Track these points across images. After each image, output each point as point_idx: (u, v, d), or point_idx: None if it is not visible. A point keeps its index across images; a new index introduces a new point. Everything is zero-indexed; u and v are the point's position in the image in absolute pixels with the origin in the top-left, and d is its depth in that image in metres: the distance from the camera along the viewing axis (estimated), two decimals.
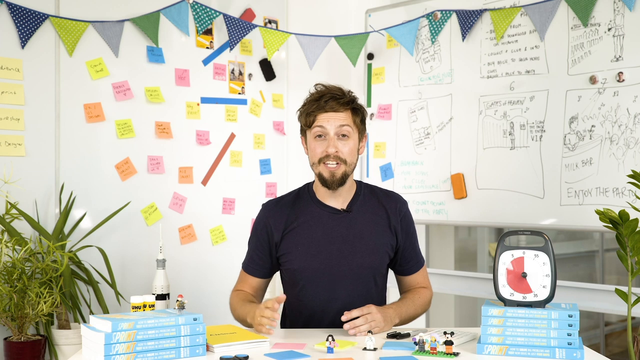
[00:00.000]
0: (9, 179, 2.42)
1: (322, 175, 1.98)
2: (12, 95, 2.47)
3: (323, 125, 1.96)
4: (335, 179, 1.97)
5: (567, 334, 1.59)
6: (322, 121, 1.96)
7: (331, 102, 1.96)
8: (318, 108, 1.97)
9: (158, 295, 2.04)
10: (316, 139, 1.99)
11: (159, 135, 2.84)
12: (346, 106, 1.98)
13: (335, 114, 1.96)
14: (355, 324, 1.84)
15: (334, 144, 1.96)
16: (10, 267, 2.24)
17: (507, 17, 2.82)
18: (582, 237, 4.53)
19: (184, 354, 1.61)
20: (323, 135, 1.97)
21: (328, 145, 1.96)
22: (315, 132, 1.98)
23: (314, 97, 2.00)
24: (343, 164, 1.97)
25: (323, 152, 1.96)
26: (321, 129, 1.97)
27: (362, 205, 2.06)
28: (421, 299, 2.09)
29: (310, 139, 2.01)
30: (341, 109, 1.97)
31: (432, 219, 3.10)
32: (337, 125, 1.96)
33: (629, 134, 2.49)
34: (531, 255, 1.65)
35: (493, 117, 2.88)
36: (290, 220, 2.04)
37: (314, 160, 2.00)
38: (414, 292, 2.11)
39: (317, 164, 1.99)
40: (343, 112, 1.97)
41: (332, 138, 1.96)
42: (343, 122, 1.96)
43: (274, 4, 3.28)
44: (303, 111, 2.02)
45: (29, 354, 2.25)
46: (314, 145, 1.99)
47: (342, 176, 1.97)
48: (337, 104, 1.96)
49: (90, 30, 2.66)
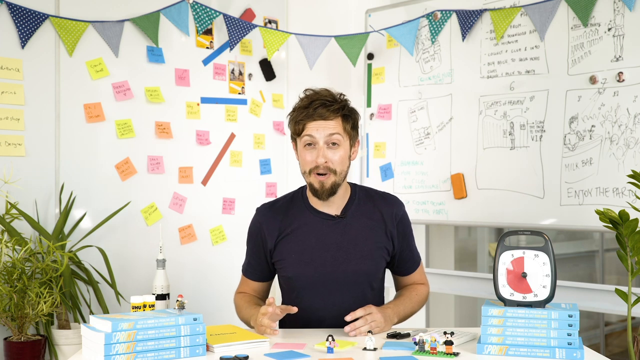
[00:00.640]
0: (9, 179, 2.42)
1: (312, 186, 1.96)
2: (12, 95, 2.47)
3: (312, 135, 1.92)
4: (325, 189, 1.95)
5: (567, 334, 1.59)
6: (311, 130, 1.92)
7: (320, 110, 1.91)
8: (307, 116, 1.92)
9: (158, 295, 2.04)
10: (306, 147, 1.95)
11: (159, 135, 2.84)
12: (336, 113, 1.93)
13: (325, 122, 1.92)
14: (355, 325, 1.84)
15: (324, 153, 1.92)
16: (10, 267, 2.24)
17: (507, 17, 2.82)
18: (582, 237, 4.53)
19: (184, 354, 1.61)
20: (313, 144, 1.94)
21: (317, 156, 1.92)
22: (304, 141, 1.95)
23: (303, 103, 1.96)
24: (333, 174, 1.94)
25: (313, 161, 1.93)
26: (310, 137, 1.93)
27: (357, 210, 2.03)
28: (418, 295, 2.09)
29: (300, 147, 1.98)
30: (331, 117, 1.92)
31: (432, 219, 3.10)
32: (327, 134, 1.92)
33: (629, 134, 2.49)
34: (531, 255, 1.65)
35: (493, 117, 2.88)
36: (283, 226, 2.02)
37: (305, 170, 1.97)
38: (410, 290, 2.11)
39: (308, 174, 1.96)
40: (333, 120, 1.93)
41: (322, 148, 1.92)
42: (332, 130, 1.92)
43: (274, 4, 3.28)
44: (292, 119, 1.98)
45: (29, 354, 2.25)
46: (304, 154, 1.96)
47: (332, 186, 1.95)
48: (326, 111, 1.92)
49: (90, 30, 2.66)
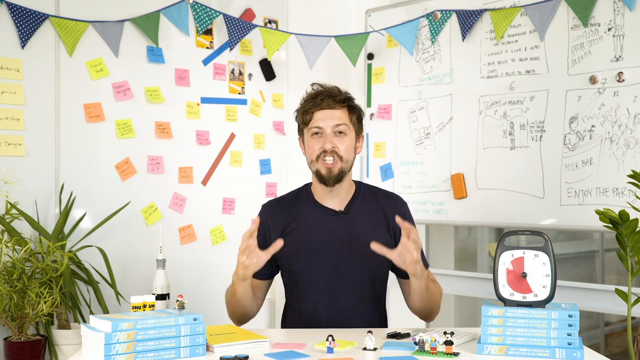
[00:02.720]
0: (9, 179, 2.42)
1: (319, 172, 2.00)
2: (12, 95, 2.47)
3: (319, 125, 1.99)
4: (333, 174, 1.98)
5: (567, 334, 1.59)
6: (318, 120, 1.99)
7: (327, 100, 1.99)
8: (314, 105, 2.00)
9: (158, 295, 2.04)
10: (313, 136, 2.01)
11: (159, 135, 2.84)
12: (342, 104, 2.01)
13: (332, 111, 1.99)
14: (407, 245, 1.78)
15: (331, 139, 1.98)
16: (10, 267, 2.24)
17: (507, 17, 2.82)
18: (582, 237, 4.53)
19: (184, 354, 1.61)
20: (320, 133, 2.00)
21: (325, 142, 1.98)
22: (312, 131, 2.01)
23: (310, 95, 2.04)
24: (340, 161, 1.98)
25: (320, 148, 1.99)
26: (318, 128, 1.99)
27: (361, 207, 2.06)
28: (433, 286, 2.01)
29: (307, 137, 2.03)
30: (337, 107, 2.00)
31: (432, 219, 3.10)
32: (334, 123, 1.99)
33: (629, 134, 2.49)
34: (531, 255, 1.65)
35: (493, 117, 2.88)
36: (288, 222, 2.04)
37: (312, 158, 2.01)
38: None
39: (315, 161, 2.00)
40: (339, 110, 2.01)
41: (329, 135, 1.99)
42: (339, 120, 1.99)
43: (274, 4, 3.28)
44: (300, 109, 2.05)
45: (29, 354, 2.25)
46: (312, 143, 2.01)
47: (339, 172, 1.99)
48: (333, 101, 2.00)
49: (90, 30, 2.66)
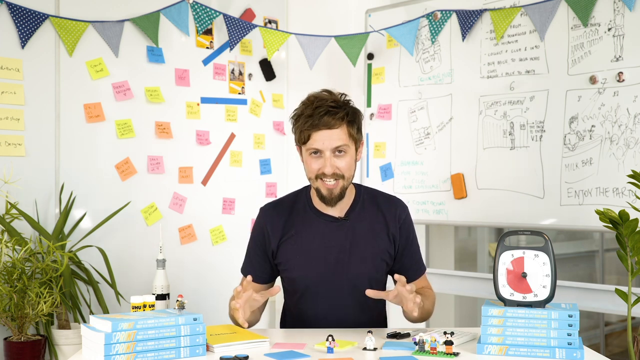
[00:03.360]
0: (9, 179, 2.42)
1: (320, 192, 1.95)
2: (12, 95, 2.47)
3: (318, 147, 1.89)
4: (334, 195, 1.93)
5: (567, 334, 1.59)
6: (317, 141, 1.89)
7: (325, 118, 1.87)
8: (312, 126, 1.88)
9: (158, 295, 2.04)
10: (312, 155, 1.92)
11: (159, 135, 2.84)
12: (341, 121, 1.89)
13: (330, 132, 1.88)
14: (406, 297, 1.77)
15: (331, 163, 1.89)
16: (10, 267, 2.24)
17: (507, 17, 2.82)
18: (582, 237, 4.53)
19: (184, 354, 1.61)
20: (319, 152, 1.91)
21: (325, 165, 1.90)
22: (310, 150, 1.92)
23: (307, 112, 1.90)
24: (341, 179, 1.92)
25: (320, 170, 1.91)
26: (316, 149, 1.90)
27: (360, 213, 2.03)
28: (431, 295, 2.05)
29: (305, 155, 1.95)
30: (336, 124, 1.88)
31: (432, 219, 3.10)
32: (333, 145, 1.89)
33: (629, 134, 2.49)
34: (531, 255, 1.65)
35: (493, 117, 2.88)
36: (287, 227, 2.02)
37: (311, 175, 1.95)
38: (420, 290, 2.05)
39: (314, 179, 1.94)
40: (338, 128, 1.89)
41: (329, 157, 1.89)
42: (339, 140, 1.89)
43: (274, 4, 3.28)
44: (296, 127, 1.94)
45: (29, 354, 2.25)
46: (310, 161, 1.93)
47: (341, 191, 1.94)
48: (331, 119, 1.88)
49: (90, 30, 2.66)
